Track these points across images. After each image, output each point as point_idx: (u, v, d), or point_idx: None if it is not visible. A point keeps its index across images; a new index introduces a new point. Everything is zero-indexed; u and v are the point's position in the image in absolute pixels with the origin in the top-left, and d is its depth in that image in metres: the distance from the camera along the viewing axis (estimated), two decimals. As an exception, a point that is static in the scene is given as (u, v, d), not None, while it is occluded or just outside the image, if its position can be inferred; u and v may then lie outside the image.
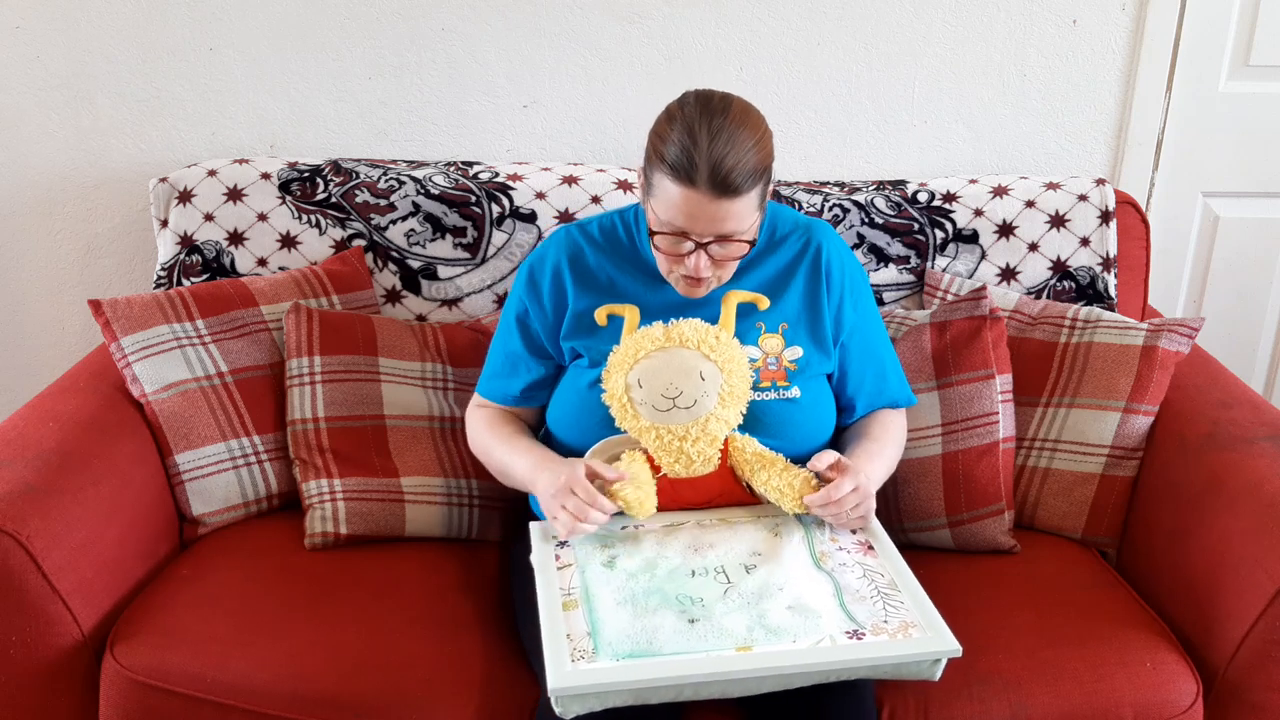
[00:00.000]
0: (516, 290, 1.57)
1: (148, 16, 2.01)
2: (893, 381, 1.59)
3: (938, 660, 1.24)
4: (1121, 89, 2.14)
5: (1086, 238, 1.93)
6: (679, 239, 1.37)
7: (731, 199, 1.32)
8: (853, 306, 1.55)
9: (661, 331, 1.42)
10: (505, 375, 1.58)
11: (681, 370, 1.39)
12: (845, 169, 2.14)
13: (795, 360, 1.49)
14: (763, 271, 1.52)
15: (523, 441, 1.53)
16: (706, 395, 1.39)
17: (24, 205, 2.11)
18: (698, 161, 1.30)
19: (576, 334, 1.51)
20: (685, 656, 1.21)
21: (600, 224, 1.57)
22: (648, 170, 1.39)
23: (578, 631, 1.25)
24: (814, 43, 2.08)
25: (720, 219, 1.33)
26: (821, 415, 1.52)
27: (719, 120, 1.32)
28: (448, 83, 2.08)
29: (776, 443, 1.46)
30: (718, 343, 1.41)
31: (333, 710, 1.35)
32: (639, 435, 1.42)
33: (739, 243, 1.38)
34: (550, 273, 1.53)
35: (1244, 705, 1.42)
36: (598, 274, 1.52)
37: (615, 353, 1.43)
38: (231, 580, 1.52)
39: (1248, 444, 1.57)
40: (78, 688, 1.41)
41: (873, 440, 1.52)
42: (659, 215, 1.36)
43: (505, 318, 1.59)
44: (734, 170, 1.30)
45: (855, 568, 1.34)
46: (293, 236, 1.90)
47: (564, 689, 1.18)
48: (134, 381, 1.65)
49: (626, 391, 1.41)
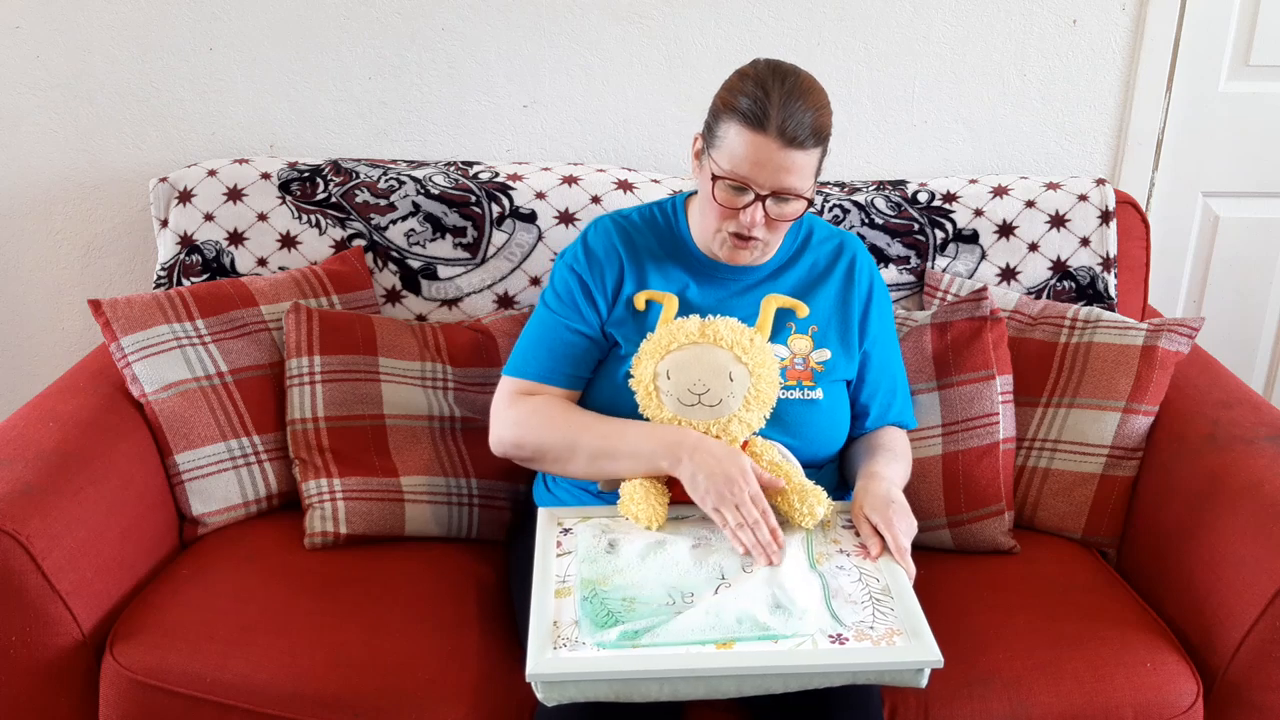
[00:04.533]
0: (572, 265, 1.54)
1: (148, 16, 2.01)
2: (901, 400, 1.61)
3: (921, 670, 1.23)
4: (1121, 89, 2.14)
5: (1086, 238, 1.93)
6: (740, 190, 1.39)
7: (797, 150, 1.35)
8: (878, 319, 1.58)
9: (698, 327, 1.42)
10: (563, 356, 1.52)
11: (712, 368, 1.40)
12: (845, 169, 2.14)
13: (823, 362, 1.51)
14: (798, 271, 1.54)
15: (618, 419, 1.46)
16: (733, 396, 1.39)
17: (24, 205, 2.11)
18: (770, 110, 1.34)
19: (620, 319, 1.51)
20: (665, 650, 1.21)
21: (640, 213, 1.58)
22: (711, 125, 1.41)
23: (565, 619, 1.25)
24: (814, 42, 2.08)
25: (785, 170, 1.36)
26: (840, 419, 1.53)
27: (791, 79, 1.37)
28: (448, 83, 2.08)
29: (795, 442, 1.47)
30: (751, 345, 1.41)
31: (333, 710, 1.35)
32: (660, 424, 1.42)
33: (796, 201, 1.40)
34: (604, 250, 1.53)
35: (1244, 705, 1.42)
36: (643, 259, 1.53)
37: (649, 340, 1.44)
38: (231, 580, 1.52)
39: (1248, 444, 1.57)
40: (78, 688, 1.41)
41: (887, 450, 1.53)
42: (722, 165, 1.39)
43: (559, 296, 1.54)
44: (803, 124, 1.35)
45: (852, 570, 1.34)
46: (293, 236, 1.90)
47: (541, 675, 1.19)
48: (134, 381, 1.65)
49: (654, 380, 1.41)
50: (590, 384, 1.54)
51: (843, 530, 1.42)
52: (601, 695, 1.21)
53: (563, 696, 1.21)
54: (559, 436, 1.46)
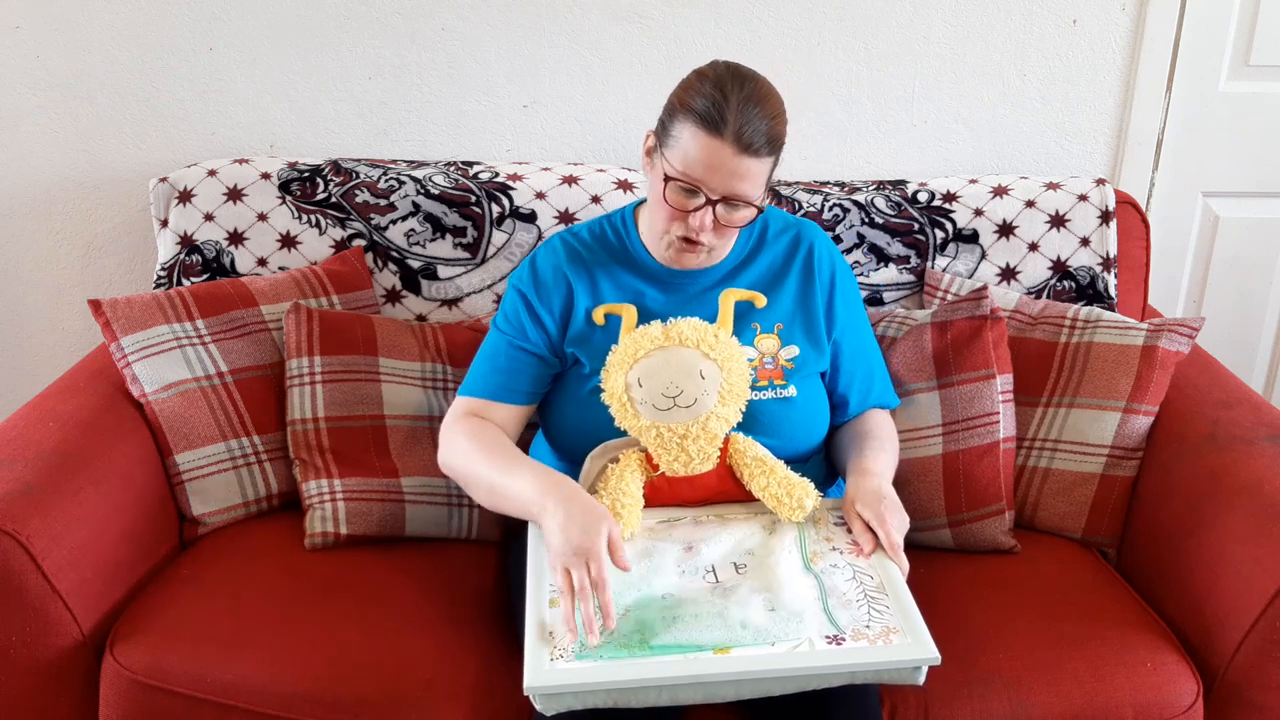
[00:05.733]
0: (518, 286, 1.55)
1: (148, 16, 2.01)
2: (879, 381, 1.61)
3: (919, 667, 1.23)
4: (1121, 89, 2.14)
5: (1086, 238, 1.93)
6: (691, 193, 1.38)
7: (751, 158, 1.35)
8: (844, 305, 1.56)
9: (660, 330, 1.42)
10: (509, 371, 1.52)
11: (682, 369, 1.39)
12: (845, 169, 2.14)
13: (792, 359, 1.50)
14: (755, 269, 1.54)
15: (520, 458, 1.44)
16: (707, 394, 1.39)
17: (24, 205, 2.11)
18: (727, 115, 1.33)
19: (577, 337, 1.51)
20: (662, 658, 1.20)
21: (590, 229, 1.58)
22: (666, 124, 1.40)
23: (560, 630, 1.25)
24: (813, 42, 2.08)
25: (738, 176, 1.35)
26: (816, 414, 1.53)
27: (749, 85, 1.36)
28: (448, 83, 2.08)
29: (773, 441, 1.46)
30: (717, 341, 1.41)
31: (333, 710, 1.35)
32: (638, 434, 1.42)
33: (745, 209, 1.39)
34: (552, 271, 1.53)
35: (1244, 705, 1.42)
36: (596, 275, 1.53)
37: (614, 352, 1.43)
38: (231, 580, 1.52)
39: (1248, 444, 1.57)
40: (78, 688, 1.41)
41: (874, 438, 1.53)
42: (675, 166, 1.37)
43: (507, 317, 1.55)
44: (759, 131, 1.34)
45: (846, 569, 1.34)
46: (293, 236, 1.90)
47: (539, 687, 1.19)
48: (134, 381, 1.65)
49: (626, 390, 1.41)
50: (556, 405, 1.54)
51: (834, 527, 1.42)
52: (600, 704, 1.21)
53: (561, 706, 1.21)
54: (469, 467, 1.46)
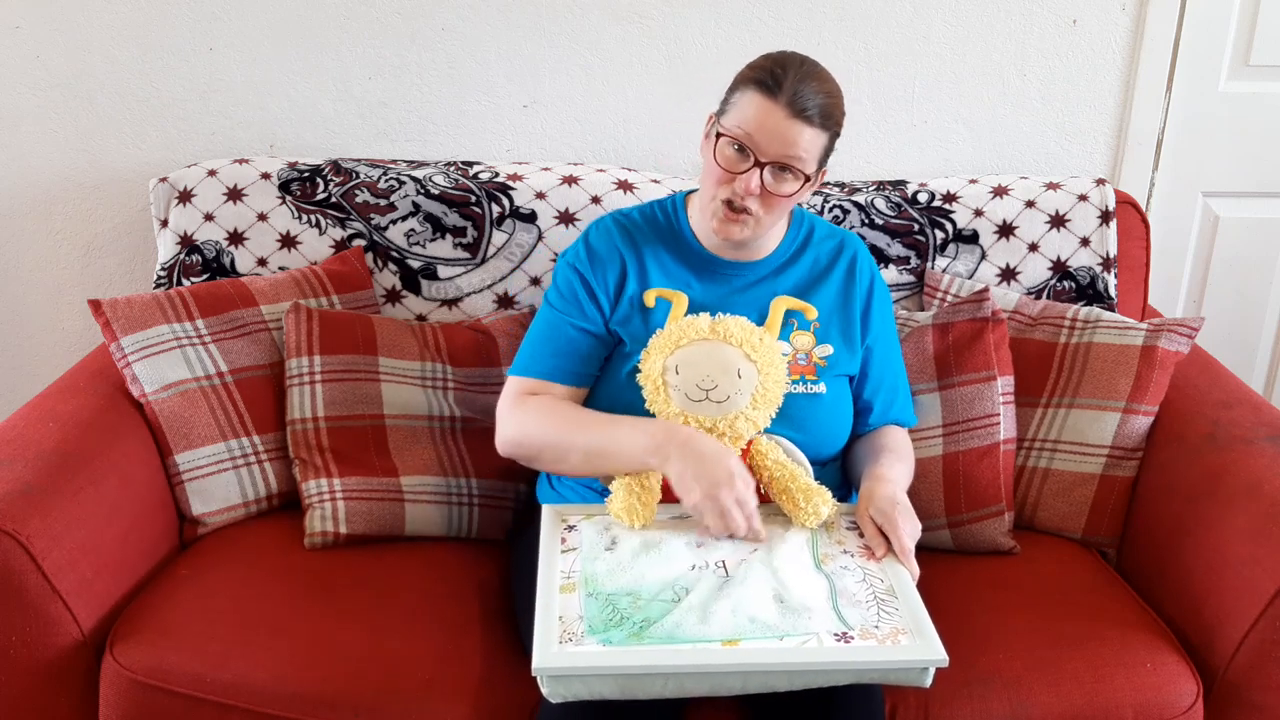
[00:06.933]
0: (574, 264, 1.54)
1: (148, 16, 2.01)
2: (902, 396, 1.62)
3: (926, 668, 1.23)
4: (1121, 89, 2.14)
5: (1086, 238, 1.93)
6: (741, 154, 1.40)
7: (803, 124, 1.38)
8: (879, 316, 1.59)
9: (708, 324, 1.43)
10: (569, 354, 1.52)
11: (721, 365, 1.40)
12: (845, 169, 2.14)
13: (825, 357, 1.52)
14: (800, 267, 1.56)
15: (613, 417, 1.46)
16: (740, 393, 1.40)
17: (24, 205, 2.11)
18: (784, 80, 1.38)
19: (623, 317, 1.52)
20: (670, 646, 1.21)
21: (640, 210, 1.59)
22: (727, 97, 1.44)
23: (570, 614, 1.25)
24: (814, 43, 2.08)
25: (789, 140, 1.38)
26: (843, 413, 1.54)
27: (810, 65, 1.42)
28: (448, 83, 2.08)
29: (799, 436, 1.47)
30: (760, 344, 1.42)
31: (333, 710, 1.35)
32: (666, 419, 1.42)
33: (793, 176, 1.41)
34: (607, 248, 1.54)
35: (1244, 705, 1.42)
36: (645, 257, 1.54)
37: (658, 335, 1.45)
38: (231, 580, 1.52)
39: (1248, 444, 1.57)
40: (78, 688, 1.41)
41: (891, 451, 1.53)
42: (729, 125, 1.41)
43: (562, 295, 1.54)
44: (813, 99, 1.38)
45: (856, 571, 1.34)
46: (293, 236, 1.90)
47: (547, 669, 1.19)
48: (134, 381, 1.65)
49: (662, 374, 1.42)
50: (595, 382, 1.54)
51: (846, 531, 1.42)
52: (607, 691, 1.21)
53: (568, 692, 1.21)
54: (557, 435, 1.47)
